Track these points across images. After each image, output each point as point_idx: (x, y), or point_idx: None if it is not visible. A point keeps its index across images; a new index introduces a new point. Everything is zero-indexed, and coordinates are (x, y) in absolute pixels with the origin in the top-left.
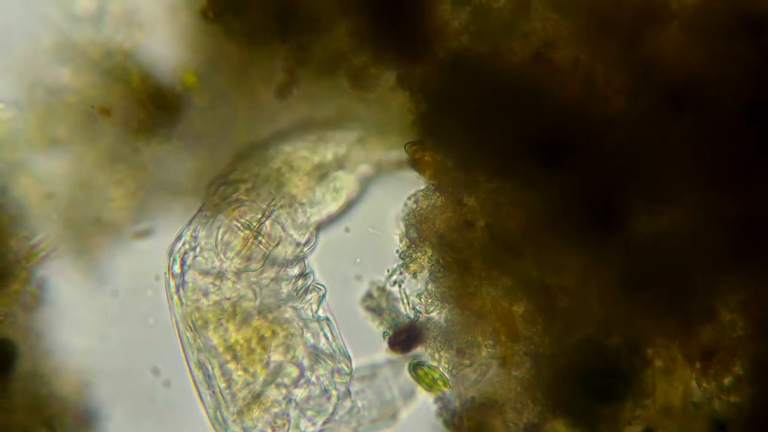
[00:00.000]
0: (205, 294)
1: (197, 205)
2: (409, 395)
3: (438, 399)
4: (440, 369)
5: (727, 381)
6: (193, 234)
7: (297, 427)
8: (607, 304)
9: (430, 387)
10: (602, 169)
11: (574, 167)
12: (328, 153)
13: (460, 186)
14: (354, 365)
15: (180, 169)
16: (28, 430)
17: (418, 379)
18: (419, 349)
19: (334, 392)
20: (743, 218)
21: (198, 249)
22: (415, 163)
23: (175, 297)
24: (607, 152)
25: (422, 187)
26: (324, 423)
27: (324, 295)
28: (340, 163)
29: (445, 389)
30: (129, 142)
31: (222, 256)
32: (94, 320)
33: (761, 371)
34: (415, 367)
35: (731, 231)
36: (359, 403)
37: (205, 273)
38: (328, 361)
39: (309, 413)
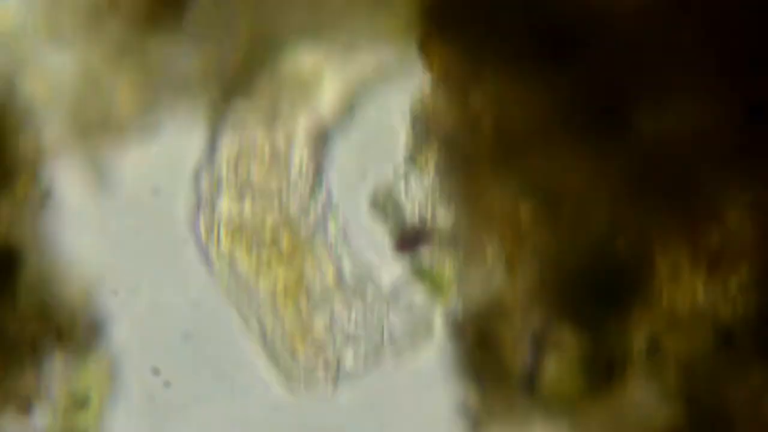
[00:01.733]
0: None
1: (204, 103)
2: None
3: (442, 303)
4: (445, 272)
5: (733, 286)
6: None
7: (341, 359)
8: (613, 206)
9: (434, 290)
10: (610, 64)
11: (581, 62)
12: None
13: (466, 84)
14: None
15: (187, 66)
16: (35, 338)
17: (423, 283)
18: (425, 251)
19: (373, 324)
20: (752, 115)
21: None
22: (422, 58)
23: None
24: (615, 46)
25: (428, 85)
26: (366, 356)
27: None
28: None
29: (450, 293)
30: (136, 38)
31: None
32: (101, 223)
33: None
34: (420, 270)
35: (739, 128)
36: (394, 328)
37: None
38: (362, 292)
39: (351, 346)
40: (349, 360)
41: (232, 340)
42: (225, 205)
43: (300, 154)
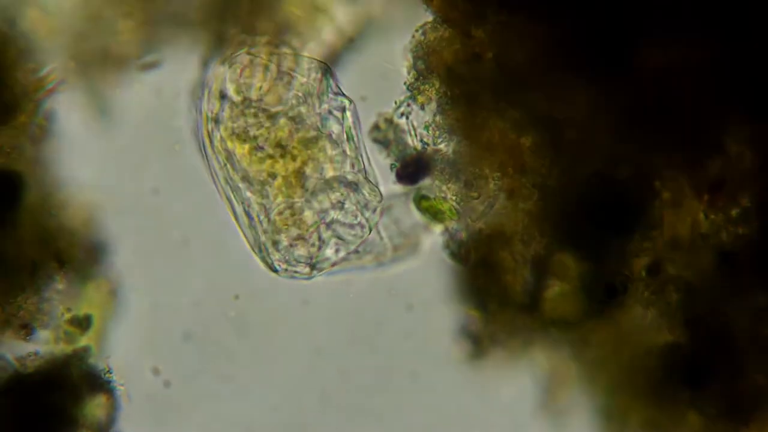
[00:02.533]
0: (244, 127)
1: (204, 38)
2: (427, 225)
3: (445, 230)
4: (448, 201)
5: (734, 212)
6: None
7: (323, 250)
8: (615, 137)
9: (435, 218)
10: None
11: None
12: None
13: (468, 17)
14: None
15: (188, 1)
16: (36, 263)
17: (424, 211)
18: (427, 181)
19: (366, 224)
20: (752, 51)
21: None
22: None
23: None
24: None
25: (430, 18)
26: (348, 253)
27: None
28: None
29: (452, 221)
30: None
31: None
32: (102, 153)
33: None
34: (422, 199)
35: (739, 63)
36: (382, 234)
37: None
38: (361, 191)
39: (336, 240)
40: (330, 252)
41: (232, 340)
42: (227, 111)
43: (306, 76)
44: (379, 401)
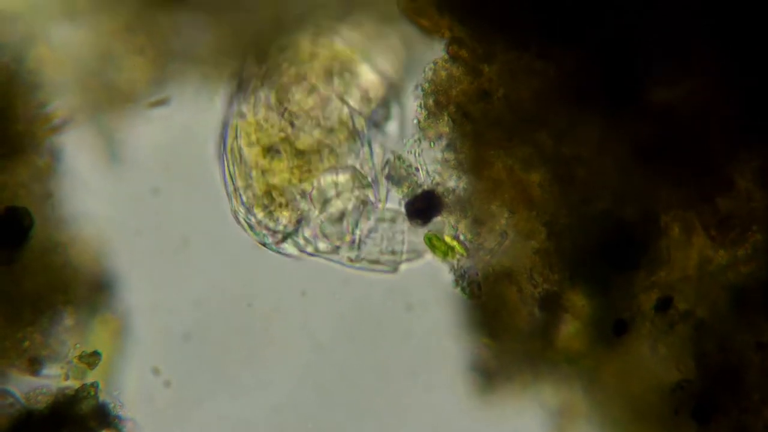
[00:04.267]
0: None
1: (214, 75)
2: (417, 254)
3: (454, 267)
4: (458, 237)
5: (743, 250)
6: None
7: (294, 237)
8: (623, 174)
9: (445, 255)
10: (619, 38)
11: (592, 35)
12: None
13: (477, 55)
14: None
15: (197, 38)
16: (43, 297)
17: (434, 248)
18: (437, 218)
19: (355, 231)
20: (760, 86)
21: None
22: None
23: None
24: (623, 21)
25: (439, 56)
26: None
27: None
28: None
29: (462, 257)
30: (148, 10)
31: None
32: (109, 190)
33: None
34: (432, 235)
35: (747, 99)
36: (368, 241)
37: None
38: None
39: (319, 231)
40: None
41: (232, 340)
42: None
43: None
44: (379, 401)
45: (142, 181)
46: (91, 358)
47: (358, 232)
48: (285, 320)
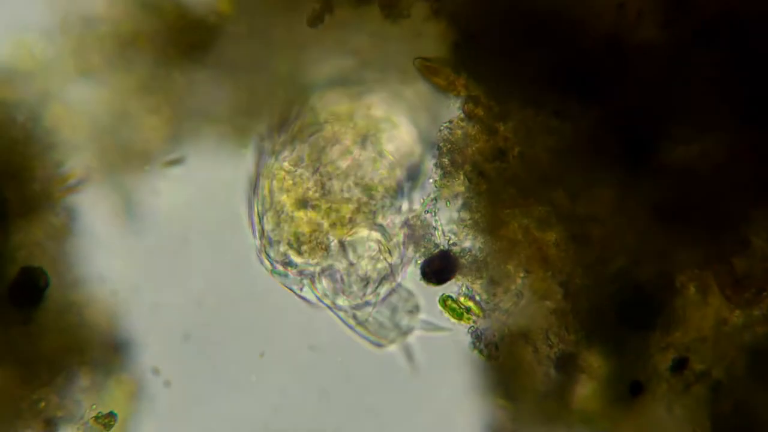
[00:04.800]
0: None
1: (230, 134)
2: (407, 332)
3: (471, 329)
4: (473, 298)
5: (758, 310)
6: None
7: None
8: (639, 233)
9: (460, 317)
10: (634, 98)
11: (607, 96)
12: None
13: (492, 114)
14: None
15: (214, 97)
16: (59, 358)
17: (449, 309)
18: (452, 279)
19: (371, 298)
20: None
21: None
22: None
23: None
24: (639, 82)
25: (455, 115)
26: (339, 302)
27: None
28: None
29: (478, 318)
30: (163, 70)
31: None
32: (125, 249)
33: None
34: (446, 298)
35: (763, 158)
36: (375, 314)
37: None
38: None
39: (337, 285)
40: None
41: (232, 340)
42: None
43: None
44: (379, 401)
45: (158, 240)
46: (107, 419)
47: (375, 296)
48: (285, 320)
